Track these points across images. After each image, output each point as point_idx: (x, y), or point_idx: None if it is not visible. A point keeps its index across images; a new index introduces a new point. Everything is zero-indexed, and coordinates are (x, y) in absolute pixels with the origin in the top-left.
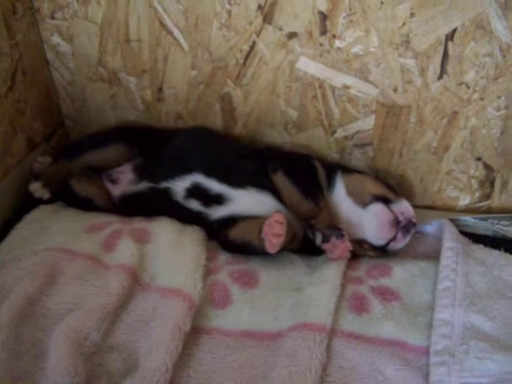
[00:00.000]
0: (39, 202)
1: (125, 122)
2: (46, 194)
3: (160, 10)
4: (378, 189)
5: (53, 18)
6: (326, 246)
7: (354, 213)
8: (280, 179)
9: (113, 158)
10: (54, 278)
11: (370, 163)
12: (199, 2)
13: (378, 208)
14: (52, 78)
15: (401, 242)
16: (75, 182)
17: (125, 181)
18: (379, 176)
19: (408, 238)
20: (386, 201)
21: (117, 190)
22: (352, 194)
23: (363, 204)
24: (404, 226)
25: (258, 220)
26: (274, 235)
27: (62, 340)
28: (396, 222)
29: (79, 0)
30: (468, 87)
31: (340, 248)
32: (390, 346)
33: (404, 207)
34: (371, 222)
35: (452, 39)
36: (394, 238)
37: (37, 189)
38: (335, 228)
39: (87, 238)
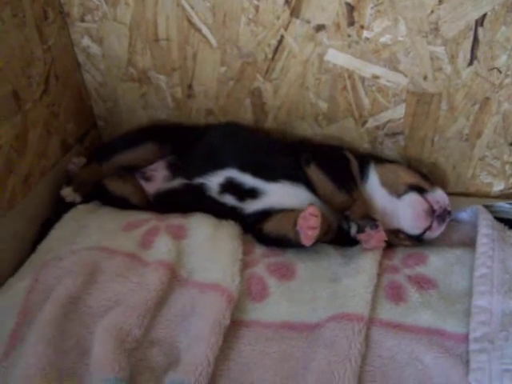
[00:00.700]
0: (73, 204)
1: (154, 121)
2: (77, 198)
3: (188, 8)
4: (412, 178)
5: (83, 20)
6: (361, 237)
7: (389, 203)
8: (314, 172)
9: (144, 157)
10: (95, 276)
11: (401, 152)
12: None
13: (413, 198)
14: (83, 80)
15: (436, 231)
16: (109, 181)
17: (159, 178)
18: (411, 165)
19: (443, 227)
20: (420, 190)
21: (151, 188)
22: (386, 184)
23: (398, 194)
24: (439, 215)
25: (292, 213)
26: (308, 228)
27: (105, 337)
28: (431, 212)
29: (108, 2)
30: (500, 72)
31: (375, 238)
32: (429, 334)
33: (439, 196)
34: (406, 211)
35: (482, 24)
36: (429, 227)
37: (68, 194)
38: (370, 218)
39: (124, 236)
